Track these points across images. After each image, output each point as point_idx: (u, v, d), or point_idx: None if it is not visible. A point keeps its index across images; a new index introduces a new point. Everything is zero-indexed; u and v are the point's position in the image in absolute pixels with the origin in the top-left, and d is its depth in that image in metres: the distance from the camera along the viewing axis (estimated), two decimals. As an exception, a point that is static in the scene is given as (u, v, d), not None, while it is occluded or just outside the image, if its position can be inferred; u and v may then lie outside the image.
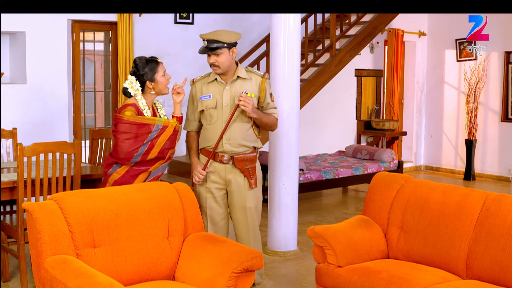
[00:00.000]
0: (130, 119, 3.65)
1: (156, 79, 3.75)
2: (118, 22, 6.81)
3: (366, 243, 3.71)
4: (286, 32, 5.18)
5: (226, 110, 3.91)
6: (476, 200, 3.50)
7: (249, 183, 3.99)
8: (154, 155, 3.75)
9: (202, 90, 3.98)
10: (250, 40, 7.98)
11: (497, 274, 3.26)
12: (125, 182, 3.70)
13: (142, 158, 3.72)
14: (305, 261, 5.10)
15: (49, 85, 6.52)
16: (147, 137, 3.67)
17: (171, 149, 3.83)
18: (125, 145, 3.64)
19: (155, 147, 3.72)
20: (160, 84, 3.78)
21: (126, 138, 3.64)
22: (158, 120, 3.73)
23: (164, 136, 3.74)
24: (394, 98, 9.62)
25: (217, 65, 3.85)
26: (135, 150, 3.65)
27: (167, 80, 3.81)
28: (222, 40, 3.79)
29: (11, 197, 4.35)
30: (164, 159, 3.83)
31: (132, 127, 3.65)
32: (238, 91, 3.88)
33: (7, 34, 6.53)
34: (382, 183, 3.94)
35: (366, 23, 8.23)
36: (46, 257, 2.94)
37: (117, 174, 3.74)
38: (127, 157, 3.67)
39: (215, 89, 3.95)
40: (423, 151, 10.30)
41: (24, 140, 5.32)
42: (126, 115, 3.66)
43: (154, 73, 3.74)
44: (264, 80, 3.95)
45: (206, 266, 3.22)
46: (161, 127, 3.73)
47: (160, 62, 3.80)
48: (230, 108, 3.90)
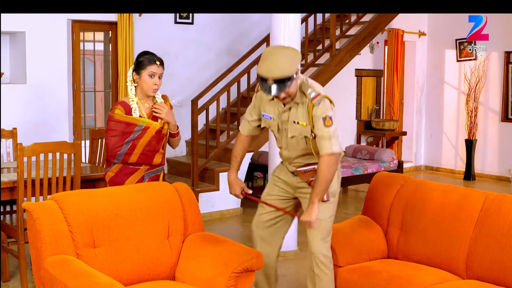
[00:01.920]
0: (118, 118, 3.70)
1: (141, 74, 3.69)
2: (118, 22, 6.81)
3: (366, 243, 3.71)
4: (286, 32, 5.18)
5: (284, 136, 3.43)
6: (476, 200, 3.50)
7: None
8: (136, 157, 3.72)
9: (265, 106, 3.45)
10: (250, 40, 7.98)
11: (497, 274, 3.26)
12: (118, 180, 3.74)
13: (124, 158, 3.71)
14: (305, 261, 5.09)
15: (49, 85, 6.52)
16: (130, 136, 3.70)
17: (157, 152, 3.77)
18: (111, 142, 3.71)
19: (137, 148, 3.70)
20: (143, 82, 3.69)
21: (112, 135, 3.71)
22: (141, 120, 3.71)
23: (146, 137, 3.71)
24: (394, 98, 9.62)
25: (288, 96, 3.24)
26: (118, 148, 3.69)
27: (153, 84, 3.70)
28: (290, 73, 3.13)
29: (11, 197, 4.35)
30: (149, 164, 3.78)
31: (118, 125, 3.70)
32: (292, 118, 3.33)
33: (7, 34, 6.53)
34: (382, 183, 3.94)
35: (366, 23, 8.23)
36: (46, 257, 2.94)
37: (112, 173, 3.77)
38: (112, 154, 3.73)
39: (273, 109, 3.41)
40: (423, 151, 10.30)
41: (24, 140, 5.32)
42: (116, 113, 3.72)
43: (143, 68, 3.68)
44: (312, 106, 3.24)
45: (206, 266, 3.22)
46: (142, 127, 3.71)
47: (156, 64, 3.69)
48: (288, 133, 3.39)
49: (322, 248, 3.42)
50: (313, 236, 3.42)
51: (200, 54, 7.74)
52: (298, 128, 3.33)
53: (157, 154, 3.78)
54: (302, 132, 3.33)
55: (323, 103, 3.24)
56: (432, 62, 10.07)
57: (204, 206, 6.64)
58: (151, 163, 3.79)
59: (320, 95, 3.25)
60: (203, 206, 6.62)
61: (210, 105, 6.89)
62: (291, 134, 3.37)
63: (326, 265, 3.42)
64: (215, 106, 7.13)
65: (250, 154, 7.13)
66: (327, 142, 3.23)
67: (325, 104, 3.24)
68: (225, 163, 7.07)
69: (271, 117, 3.43)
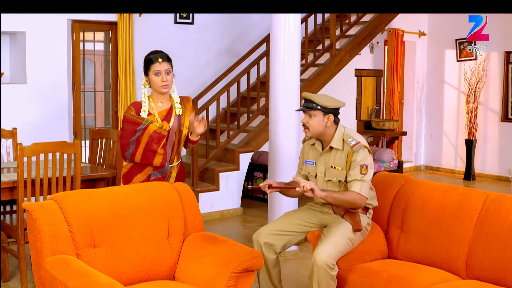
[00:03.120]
0: (128, 117, 3.81)
1: (148, 75, 3.81)
2: (118, 22, 6.81)
3: (366, 243, 3.70)
4: (286, 32, 5.18)
5: (320, 180, 3.66)
6: (476, 200, 3.50)
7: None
8: (140, 156, 3.78)
9: (308, 153, 3.76)
10: (250, 40, 7.99)
11: (497, 274, 3.26)
12: (130, 174, 3.85)
13: (131, 158, 3.81)
14: (305, 261, 5.10)
15: (49, 85, 6.52)
16: (134, 135, 3.79)
17: (156, 153, 3.78)
18: (121, 141, 3.83)
19: (140, 147, 3.77)
20: (152, 82, 3.80)
21: (123, 135, 3.82)
22: (145, 120, 3.78)
23: (145, 137, 3.76)
24: (394, 98, 9.62)
25: (307, 126, 3.58)
26: (127, 146, 3.80)
27: (161, 81, 3.76)
28: (316, 101, 3.54)
29: (11, 197, 4.35)
30: (151, 165, 3.81)
31: (129, 125, 3.80)
32: (330, 163, 3.59)
33: (7, 34, 6.53)
34: (382, 183, 3.94)
35: (366, 23, 8.23)
36: (46, 257, 2.94)
37: (125, 169, 3.89)
38: (122, 153, 3.85)
39: (314, 153, 3.72)
40: (423, 151, 10.30)
41: (24, 140, 5.31)
42: (128, 113, 3.83)
43: (148, 69, 3.80)
44: (352, 152, 3.51)
45: (206, 266, 3.22)
46: (143, 127, 3.76)
47: (158, 62, 3.75)
48: (322, 179, 3.64)
49: (326, 257, 3.35)
50: (323, 243, 3.43)
51: (200, 54, 7.74)
52: (335, 173, 3.58)
53: (156, 155, 3.79)
54: (337, 176, 3.58)
55: (362, 151, 3.51)
56: (432, 62, 10.07)
57: (204, 206, 6.64)
58: (152, 164, 3.80)
59: (360, 143, 3.53)
60: (203, 206, 6.62)
61: (210, 105, 6.90)
62: (328, 178, 3.62)
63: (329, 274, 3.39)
64: (215, 106, 7.13)
65: (250, 154, 7.13)
66: (358, 184, 3.47)
67: (364, 152, 3.52)
68: (225, 163, 7.07)
69: (313, 163, 3.70)
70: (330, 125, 3.58)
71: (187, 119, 3.89)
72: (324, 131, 3.59)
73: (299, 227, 3.72)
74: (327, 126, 3.57)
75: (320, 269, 3.33)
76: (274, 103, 5.31)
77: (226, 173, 6.90)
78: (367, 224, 3.64)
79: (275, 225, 3.73)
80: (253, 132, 7.12)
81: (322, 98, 3.57)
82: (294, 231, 3.70)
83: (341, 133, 3.59)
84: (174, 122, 3.84)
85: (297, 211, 3.85)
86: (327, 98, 3.59)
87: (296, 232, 3.71)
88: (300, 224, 3.73)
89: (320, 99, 3.55)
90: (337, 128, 3.61)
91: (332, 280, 3.36)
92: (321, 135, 3.62)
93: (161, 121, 3.80)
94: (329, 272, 3.33)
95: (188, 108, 3.92)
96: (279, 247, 3.67)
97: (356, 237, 3.57)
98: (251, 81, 7.41)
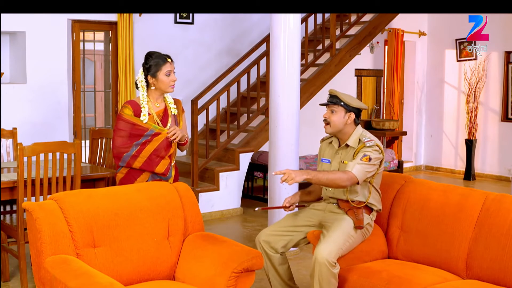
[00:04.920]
0: (127, 118, 3.75)
1: (157, 76, 3.77)
2: (118, 22, 6.81)
3: (366, 243, 3.70)
4: (286, 32, 5.18)
5: None
6: (476, 200, 3.50)
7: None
8: (140, 163, 3.74)
9: (325, 151, 3.86)
10: (250, 40, 7.99)
11: (497, 274, 3.26)
12: (127, 181, 3.80)
13: (129, 162, 3.75)
14: (305, 261, 5.10)
15: (49, 85, 6.52)
16: (139, 139, 3.73)
17: (162, 158, 3.80)
18: (117, 142, 3.75)
19: (144, 152, 3.73)
20: (161, 83, 3.78)
21: (120, 135, 3.75)
22: (153, 126, 3.77)
23: (154, 142, 3.75)
24: (394, 98, 9.62)
25: (328, 121, 3.68)
26: (125, 148, 3.73)
27: (171, 81, 3.80)
28: (341, 97, 3.65)
29: (11, 197, 4.35)
30: (151, 171, 3.79)
31: (127, 125, 3.75)
32: (342, 158, 3.70)
33: (7, 34, 6.53)
34: (382, 183, 3.93)
35: (366, 23, 8.23)
36: (46, 257, 2.94)
37: (121, 174, 3.84)
38: (117, 154, 3.76)
39: (330, 151, 3.82)
40: (423, 151, 10.30)
41: (24, 140, 5.32)
42: (125, 112, 3.76)
43: (158, 70, 3.77)
44: (363, 146, 3.60)
45: (206, 266, 3.22)
46: (153, 133, 3.75)
47: (169, 62, 3.80)
48: None
49: (327, 253, 3.36)
50: (323, 241, 3.44)
51: (200, 54, 7.74)
52: (344, 167, 3.62)
53: (162, 161, 3.79)
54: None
55: (373, 147, 3.59)
56: (432, 62, 10.07)
57: (204, 206, 6.64)
58: (154, 170, 3.80)
59: (374, 141, 3.63)
60: (203, 206, 6.62)
61: (210, 105, 6.89)
62: None
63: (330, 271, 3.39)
64: (215, 106, 7.13)
65: (250, 154, 7.13)
66: (352, 164, 3.52)
67: (374, 148, 3.59)
68: (225, 163, 7.07)
69: (329, 161, 3.78)
70: (349, 124, 3.68)
71: (181, 119, 3.96)
72: (343, 129, 3.68)
73: (300, 227, 3.75)
74: (346, 124, 3.67)
75: (321, 266, 3.34)
76: (274, 103, 5.31)
77: (226, 173, 6.90)
78: (367, 224, 3.65)
79: (276, 226, 3.80)
80: (253, 132, 7.12)
81: (347, 96, 3.68)
82: (294, 231, 3.75)
83: (358, 133, 3.69)
84: (172, 122, 3.88)
85: (299, 212, 3.88)
86: (351, 97, 3.69)
87: (297, 232, 3.75)
88: (300, 224, 3.76)
89: (345, 96, 3.67)
90: (356, 129, 3.70)
91: (333, 278, 3.37)
92: (340, 133, 3.70)
93: (159, 120, 3.82)
94: (330, 269, 3.34)
95: (179, 109, 3.99)
96: (279, 247, 3.71)
97: (356, 235, 3.58)
98: (251, 81, 7.41)
